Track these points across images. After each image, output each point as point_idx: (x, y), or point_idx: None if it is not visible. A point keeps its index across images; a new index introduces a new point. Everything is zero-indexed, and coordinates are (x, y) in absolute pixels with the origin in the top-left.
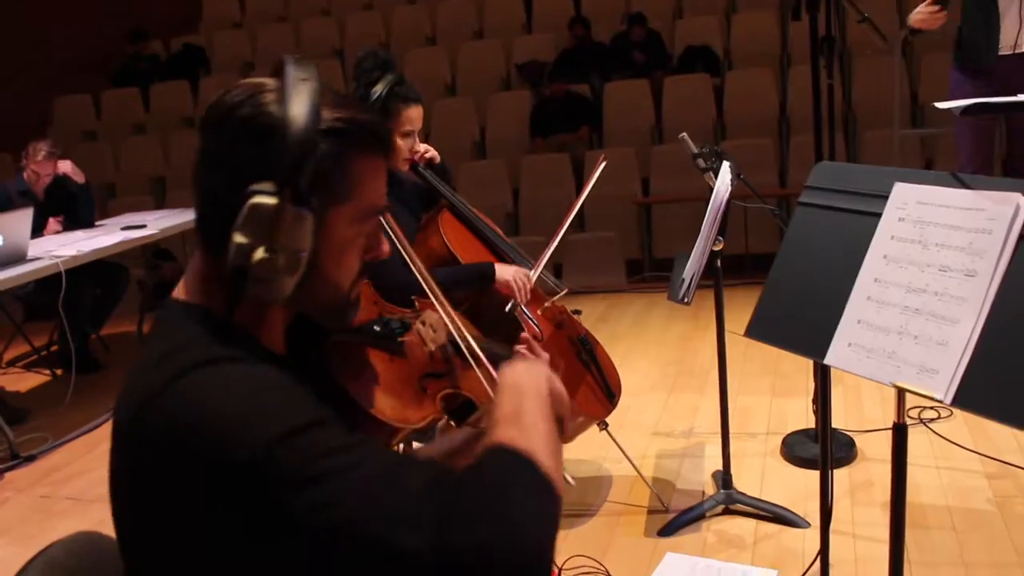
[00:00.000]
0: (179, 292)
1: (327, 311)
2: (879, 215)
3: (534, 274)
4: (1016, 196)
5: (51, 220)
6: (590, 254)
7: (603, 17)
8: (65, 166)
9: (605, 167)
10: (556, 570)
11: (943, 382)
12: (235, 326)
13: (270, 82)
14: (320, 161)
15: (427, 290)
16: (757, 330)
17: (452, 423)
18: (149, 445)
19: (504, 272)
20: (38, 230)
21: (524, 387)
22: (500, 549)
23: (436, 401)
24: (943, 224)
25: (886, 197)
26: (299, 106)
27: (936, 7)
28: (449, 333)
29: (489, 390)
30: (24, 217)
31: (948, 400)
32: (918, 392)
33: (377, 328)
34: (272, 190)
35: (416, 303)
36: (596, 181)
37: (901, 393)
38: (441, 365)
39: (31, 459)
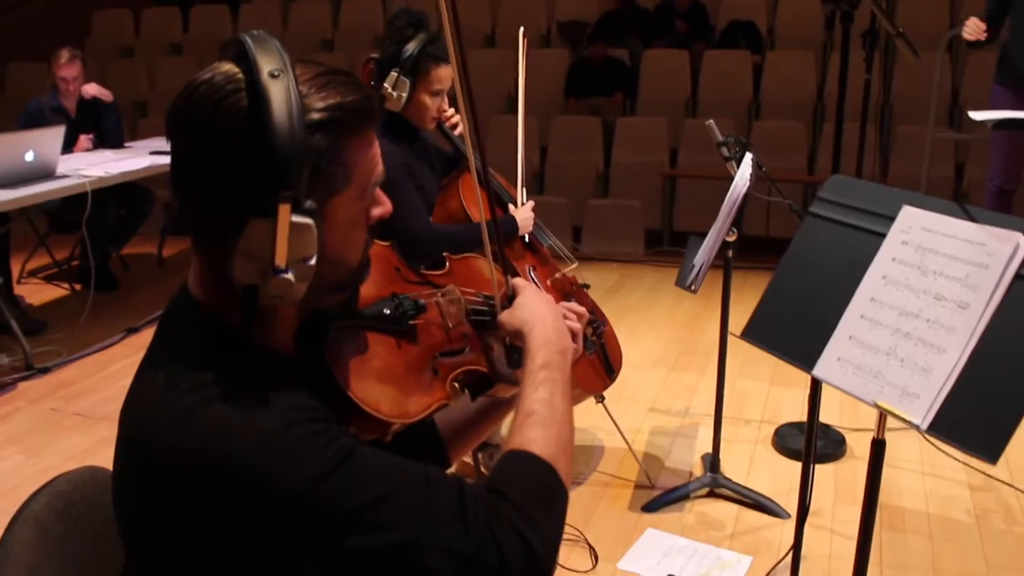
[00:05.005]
0: (192, 283)
1: (339, 289)
2: (884, 235)
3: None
4: (1016, 236)
5: (82, 137)
6: (611, 221)
7: None
8: (90, 88)
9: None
10: None
11: (922, 408)
12: (252, 342)
13: (238, 76)
14: (313, 160)
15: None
16: (753, 333)
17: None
18: (173, 472)
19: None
20: (69, 146)
21: (552, 346)
22: (526, 565)
23: (447, 384)
24: (943, 253)
25: (893, 218)
26: (281, 110)
27: (983, 24)
28: (467, 306)
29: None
30: (55, 135)
31: (924, 426)
32: (897, 415)
33: (387, 311)
34: (268, 207)
35: (448, 261)
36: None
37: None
38: (458, 342)
39: (44, 371)
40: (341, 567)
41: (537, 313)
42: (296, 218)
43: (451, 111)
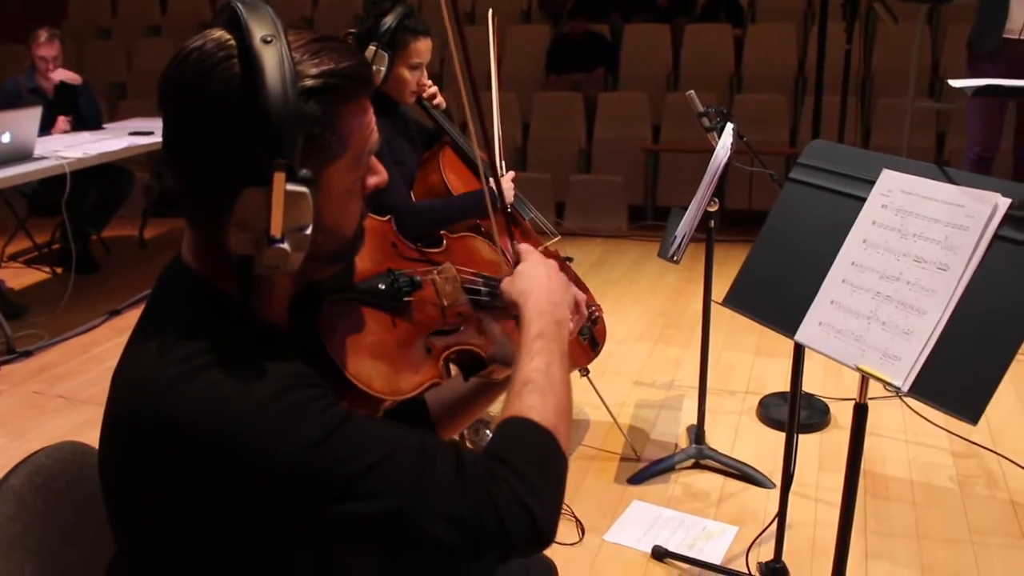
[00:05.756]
0: (186, 252)
1: (334, 259)
2: (864, 199)
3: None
4: (995, 196)
5: (60, 119)
6: (594, 196)
7: None
8: (58, 74)
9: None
10: None
11: (903, 370)
12: (248, 313)
13: (229, 42)
14: (308, 127)
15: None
16: (735, 300)
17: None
18: (165, 440)
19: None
20: (47, 128)
21: (547, 316)
22: (528, 535)
23: (439, 362)
24: (923, 215)
25: (873, 182)
26: (274, 76)
27: None
28: (463, 284)
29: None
30: (32, 116)
31: (905, 388)
32: (879, 377)
33: (382, 286)
34: (262, 175)
35: (445, 239)
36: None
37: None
38: (453, 321)
39: (27, 355)
40: (339, 534)
41: (534, 283)
42: (291, 187)
43: (430, 84)
